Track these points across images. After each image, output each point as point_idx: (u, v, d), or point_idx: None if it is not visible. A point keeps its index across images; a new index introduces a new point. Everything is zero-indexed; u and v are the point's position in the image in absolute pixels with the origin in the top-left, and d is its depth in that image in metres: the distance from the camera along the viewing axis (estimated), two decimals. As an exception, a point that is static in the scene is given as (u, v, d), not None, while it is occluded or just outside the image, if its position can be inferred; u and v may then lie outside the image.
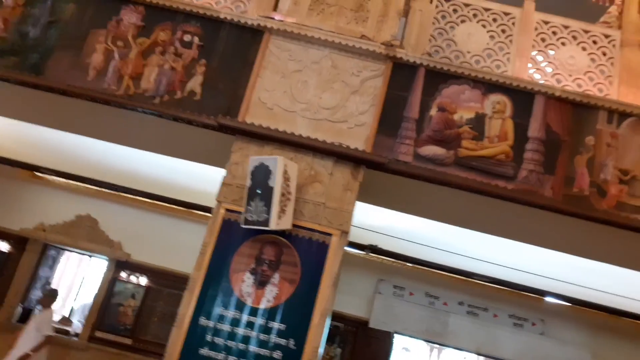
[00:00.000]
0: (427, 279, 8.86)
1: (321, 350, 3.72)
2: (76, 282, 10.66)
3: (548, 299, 8.49)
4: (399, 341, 9.08)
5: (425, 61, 4.12)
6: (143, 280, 8.76)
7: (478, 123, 4.01)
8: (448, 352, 17.00)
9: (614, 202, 3.85)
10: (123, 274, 8.79)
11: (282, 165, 3.39)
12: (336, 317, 8.88)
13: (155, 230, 8.91)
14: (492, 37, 4.51)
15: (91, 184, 7.96)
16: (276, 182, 3.36)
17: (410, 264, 8.46)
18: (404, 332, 8.86)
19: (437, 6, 4.55)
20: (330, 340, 8.76)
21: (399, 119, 4.00)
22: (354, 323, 8.83)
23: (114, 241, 8.87)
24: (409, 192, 4.41)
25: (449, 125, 3.97)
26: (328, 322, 3.85)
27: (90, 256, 9.39)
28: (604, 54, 4.52)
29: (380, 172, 4.02)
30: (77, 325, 9.28)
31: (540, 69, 4.46)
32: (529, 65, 4.46)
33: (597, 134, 4.04)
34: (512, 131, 3.98)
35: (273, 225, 3.36)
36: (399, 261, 8.51)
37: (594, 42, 4.55)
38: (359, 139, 3.94)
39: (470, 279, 8.70)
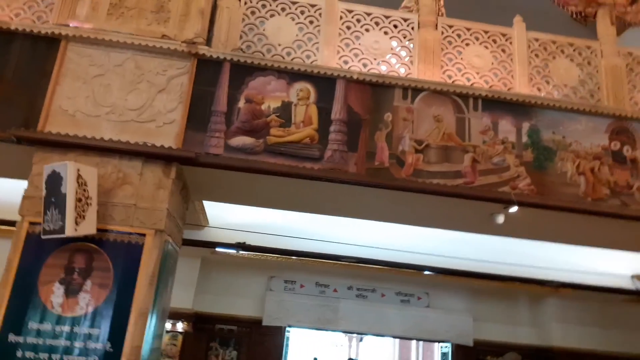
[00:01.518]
0: (317, 269, 9.06)
1: (147, 347, 3.74)
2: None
3: (427, 273, 9.00)
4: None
5: (229, 56, 4.26)
6: None
7: (285, 111, 4.21)
8: (368, 340, 17.58)
9: (411, 170, 4.19)
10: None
11: (73, 170, 3.37)
12: (230, 320, 8.89)
13: None
14: (301, 28, 4.74)
15: None
16: (68, 188, 3.33)
17: (295, 257, 8.61)
18: (297, 324, 9.02)
19: (245, 3, 4.71)
20: (225, 344, 8.76)
21: (208, 114, 4.11)
22: (248, 324, 8.86)
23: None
24: (240, 185, 4.54)
25: (257, 115, 4.14)
26: (154, 321, 3.87)
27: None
28: (404, 37, 4.90)
29: (204, 169, 4.11)
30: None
31: (347, 55, 4.75)
32: (338, 52, 4.73)
33: (394, 110, 4.38)
34: (316, 115, 4.22)
35: (69, 231, 3.33)
36: (287, 256, 8.64)
37: (395, 26, 4.92)
38: (168, 137, 3.99)
39: (357, 264, 9.02)
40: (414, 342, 15.44)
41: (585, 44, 5.20)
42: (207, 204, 6.56)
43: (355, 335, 17.53)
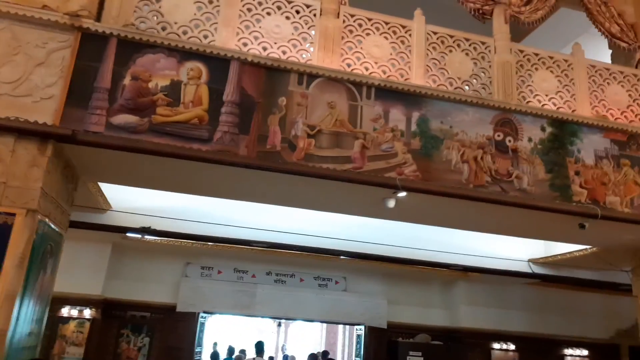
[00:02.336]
0: (235, 255, 9.00)
1: (21, 331, 3.59)
2: None
3: (344, 257, 9.19)
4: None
5: (116, 31, 4.12)
6: None
7: (173, 90, 4.13)
8: (295, 325, 17.74)
9: (302, 155, 4.25)
10: None
11: None
12: (143, 306, 8.69)
13: None
14: (199, 8, 4.64)
15: None
16: None
17: (210, 244, 8.51)
18: (213, 310, 8.98)
19: (140, -22, 4.55)
20: (137, 330, 8.56)
21: (90, 90, 3.96)
22: (162, 310, 8.71)
23: None
24: (127, 165, 4.42)
25: (143, 94, 4.03)
26: (30, 306, 3.72)
27: None
28: (306, 23, 4.92)
29: (85, 148, 3.95)
30: None
31: (247, 37, 4.71)
32: (237, 34, 4.68)
33: (289, 95, 4.41)
34: (207, 96, 4.17)
35: None
36: (202, 242, 8.52)
37: (297, 12, 4.92)
38: (46, 113, 3.81)
39: (276, 250, 9.04)
40: (340, 326, 15.76)
41: (481, 40, 5.44)
42: (108, 187, 6.37)
43: (283, 320, 17.74)
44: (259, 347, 9.89)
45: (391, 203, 4.73)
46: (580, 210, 4.75)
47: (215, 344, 11.20)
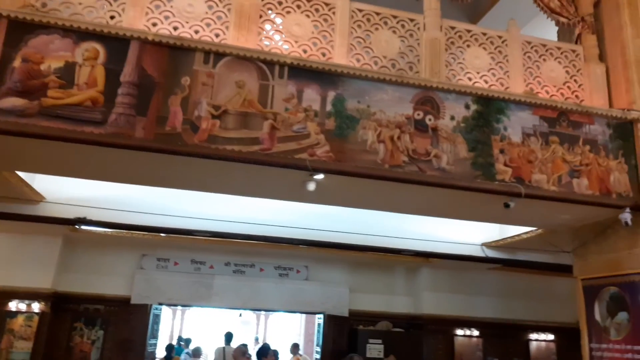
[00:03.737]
0: (193, 246, 8.87)
1: None
2: None
3: (304, 247, 9.06)
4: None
5: (6, 12, 3.95)
6: None
7: (67, 72, 3.97)
8: (276, 317, 17.65)
9: (205, 136, 4.10)
10: None
11: None
12: (97, 299, 8.57)
13: None
14: (105, -13, 4.47)
15: None
16: None
17: (164, 235, 8.37)
18: (168, 302, 8.87)
19: (39, -44, 4.37)
20: (91, 324, 8.45)
21: (-24, 74, 3.79)
22: (116, 303, 8.59)
23: None
24: (22, 151, 4.27)
25: (33, 76, 3.87)
26: None
27: None
28: (221, 1, 4.74)
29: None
30: None
31: (157, 17, 4.54)
32: (146, 14, 4.51)
33: (193, 75, 4.25)
34: (103, 77, 4.02)
35: None
36: (154, 234, 8.38)
37: (211, -10, 4.75)
38: None
39: (234, 240, 8.91)
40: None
41: (409, 17, 5.27)
42: (44, 178, 6.24)
43: (263, 312, 17.66)
44: (228, 338, 9.90)
45: (311, 186, 4.59)
46: (502, 189, 4.62)
47: (180, 337, 11.12)
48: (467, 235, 8.01)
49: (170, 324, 15.42)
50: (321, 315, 9.46)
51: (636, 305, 4.80)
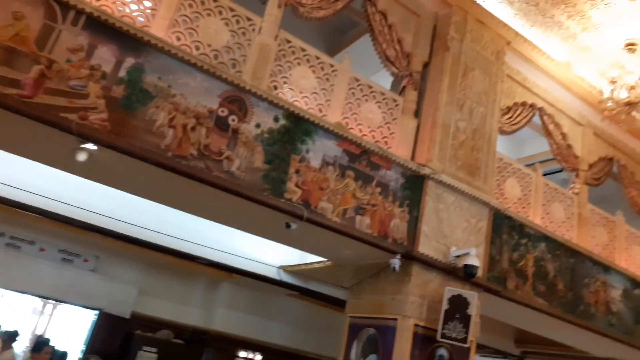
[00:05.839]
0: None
1: None
2: None
3: (94, 234, 8.13)
4: None
5: None
6: None
7: None
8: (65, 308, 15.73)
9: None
10: None
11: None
12: None
13: None
14: None
15: None
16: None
17: None
18: None
19: None
20: None
21: None
22: None
23: None
24: None
25: None
26: None
27: None
28: None
29: None
30: None
31: None
32: None
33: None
34: None
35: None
36: None
37: None
38: None
39: (11, 208, 7.64)
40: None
41: (247, 15, 5.04)
42: None
43: (52, 301, 15.60)
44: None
45: (81, 156, 3.98)
46: (286, 207, 4.50)
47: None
48: (267, 254, 7.85)
49: None
50: (97, 312, 8.51)
51: (385, 350, 4.97)
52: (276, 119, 4.72)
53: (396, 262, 4.95)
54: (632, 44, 6.53)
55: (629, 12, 6.06)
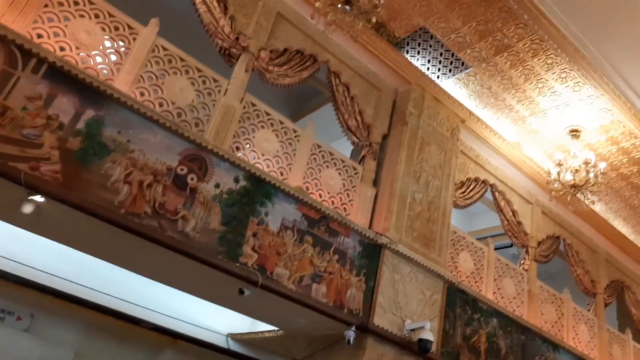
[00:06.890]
0: None
1: None
2: None
3: (30, 290, 7.57)
4: None
5: None
6: None
7: None
8: None
9: None
10: None
11: None
12: None
13: None
14: None
15: None
16: None
17: None
18: None
19: None
20: None
21: None
22: None
23: None
24: None
25: None
26: None
27: None
28: (0, -32, 4.02)
29: None
30: None
31: None
32: None
33: None
34: None
35: None
36: None
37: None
38: None
39: None
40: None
41: (214, 76, 5.10)
42: None
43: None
44: None
45: (27, 208, 3.76)
46: (241, 272, 4.36)
47: None
48: (216, 320, 7.49)
49: None
50: (23, 379, 7.73)
51: None
52: (236, 180, 4.67)
53: (351, 334, 4.82)
54: (576, 130, 6.99)
55: (574, 101, 6.54)
